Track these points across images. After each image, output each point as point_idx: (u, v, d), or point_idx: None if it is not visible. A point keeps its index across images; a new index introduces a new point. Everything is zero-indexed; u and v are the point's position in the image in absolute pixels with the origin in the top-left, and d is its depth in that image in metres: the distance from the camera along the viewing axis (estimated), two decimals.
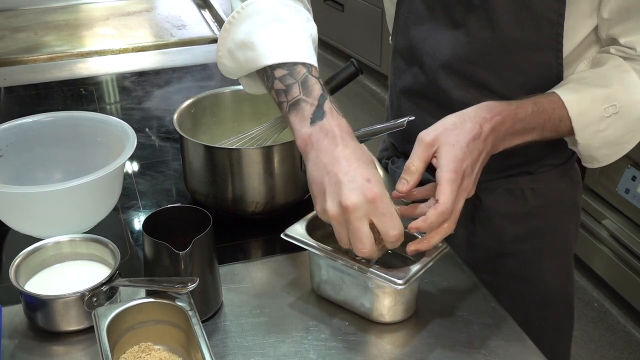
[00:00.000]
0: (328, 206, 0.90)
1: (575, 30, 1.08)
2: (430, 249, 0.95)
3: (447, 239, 1.00)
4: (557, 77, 1.10)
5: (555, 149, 1.19)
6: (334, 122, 0.95)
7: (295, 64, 1.00)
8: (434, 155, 0.95)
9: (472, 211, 1.22)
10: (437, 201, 0.91)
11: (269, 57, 1.02)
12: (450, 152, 0.93)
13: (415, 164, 0.94)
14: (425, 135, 0.95)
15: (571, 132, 1.07)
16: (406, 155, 1.27)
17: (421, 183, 0.98)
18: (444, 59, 1.13)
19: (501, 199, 1.20)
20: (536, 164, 1.19)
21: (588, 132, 1.07)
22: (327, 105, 0.96)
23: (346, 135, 0.94)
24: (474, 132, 0.96)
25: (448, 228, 0.93)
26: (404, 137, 1.26)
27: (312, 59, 1.03)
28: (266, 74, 1.03)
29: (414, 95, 1.21)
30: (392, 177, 1.31)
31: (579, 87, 1.06)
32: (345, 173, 0.90)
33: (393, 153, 1.33)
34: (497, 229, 1.22)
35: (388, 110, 1.32)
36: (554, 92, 1.06)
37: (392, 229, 0.90)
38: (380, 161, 1.38)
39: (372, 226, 0.90)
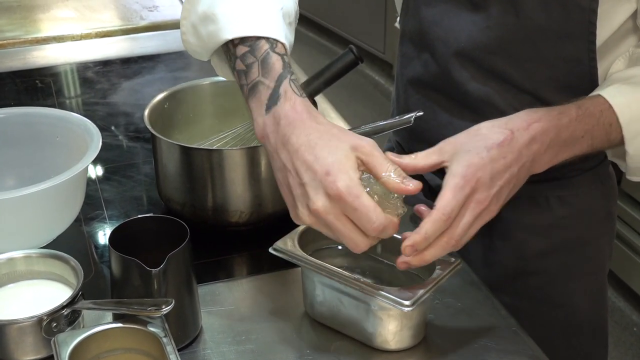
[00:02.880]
0: (300, 214, 0.91)
1: (610, 17, 1.08)
2: (424, 264, 0.93)
3: (461, 256, 1.02)
4: (589, 73, 1.11)
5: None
6: (288, 105, 0.94)
7: (258, 39, 1.00)
8: (443, 164, 0.94)
9: (490, 223, 1.22)
10: (435, 205, 0.91)
11: (230, 30, 1.02)
12: (464, 157, 0.93)
13: (414, 156, 0.95)
14: (443, 143, 0.96)
15: (622, 140, 1.06)
16: None
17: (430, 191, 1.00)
18: (459, 45, 1.14)
19: (523, 209, 1.20)
20: (563, 168, 1.19)
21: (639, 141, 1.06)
22: (285, 85, 0.96)
23: (301, 117, 0.93)
24: (501, 137, 0.95)
25: (447, 243, 0.92)
26: (411, 135, 1.27)
27: (279, 33, 1.02)
28: (229, 52, 1.03)
29: (424, 87, 1.22)
30: None
31: (627, 89, 1.05)
32: (306, 169, 0.90)
33: (399, 153, 1.33)
34: (518, 243, 1.23)
35: (394, 103, 1.33)
36: (599, 95, 1.05)
37: (369, 222, 0.88)
38: None
39: None
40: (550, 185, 1.20)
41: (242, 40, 1.01)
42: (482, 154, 0.93)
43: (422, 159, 0.95)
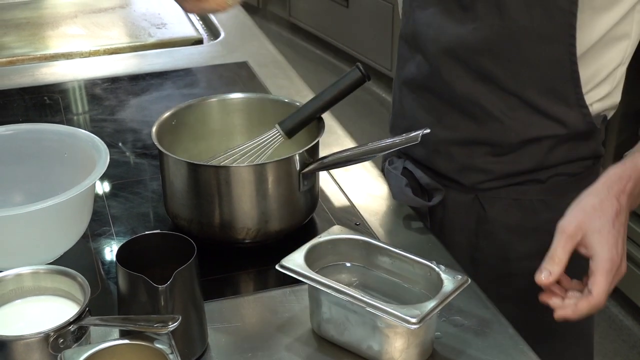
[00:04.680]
0: None
1: (592, 24, 1.12)
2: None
3: (450, 252, 1.17)
4: (571, 77, 1.14)
5: (571, 156, 1.22)
6: None
7: None
8: (579, 245, 1.02)
9: (476, 223, 1.25)
10: (590, 291, 1.00)
11: None
12: (601, 240, 1.01)
13: (559, 255, 1.02)
14: (567, 226, 1.03)
15: None
16: (407, 155, 1.30)
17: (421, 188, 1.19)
18: (448, 46, 1.18)
19: (508, 211, 1.24)
20: (547, 172, 1.23)
21: None
22: None
23: None
24: (614, 210, 1.03)
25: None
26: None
27: None
28: None
29: (417, 87, 1.26)
30: (386, 176, 1.35)
31: None
32: None
33: (394, 153, 1.36)
34: (503, 244, 1.26)
35: (392, 106, 1.37)
36: None
37: None
38: (383, 170, 1.39)
39: None
40: (535, 189, 1.23)
41: None
42: (612, 232, 1.02)
43: (562, 254, 1.02)
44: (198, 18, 2.13)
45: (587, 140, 1.22)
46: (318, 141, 1.20)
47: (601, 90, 1.19)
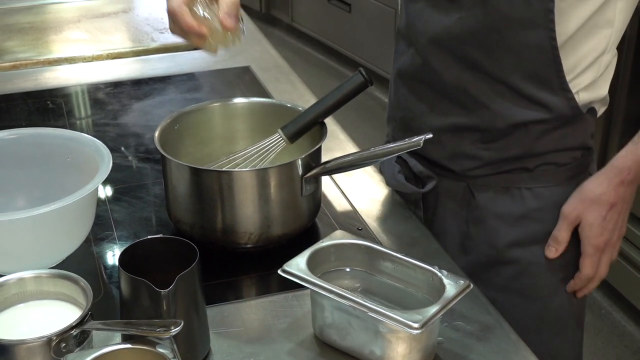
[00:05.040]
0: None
1: (572, 12, 1.15)
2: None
3: (442, 242, 1.23)
4: (553, 62, 1.17)
5: (558, 145, 1.24)
6: None
7: None
8: (578, 227, 1.25)
9: (467, 211, 1.27)
10: (580, 270, 1.27)
11: None
12: (590, 232, 1.24)
13: (562, 236, 1.26)
14: (569, 213, 1.25)
15: None
16: None
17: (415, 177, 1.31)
18: (436, 36, 1.22)
19: (496, 198, 1.26)
20: (535, 160, 1.25)
21: None
22: None
23: None
24: (610, 203, 1.22)
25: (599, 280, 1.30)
26: (400, 125, 1.35)
27: None
28: None
29: (410, 79, 1.30)
30: (381, 164, 1.38)
31: None
32: None
33: (389, 140, 1.39)
34: (491, 231, 1.28)
35: (388, 98, 1.40)
36: None
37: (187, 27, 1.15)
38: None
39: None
40: (522, 177, 1.26)
41: None
42: (602, 224, 1.23)
43: (564, 235, 1.26)
44: None
45: (574, 130, 1.24)
46: (320, 146, 1.20)
47: (586, 77, 1.22)
